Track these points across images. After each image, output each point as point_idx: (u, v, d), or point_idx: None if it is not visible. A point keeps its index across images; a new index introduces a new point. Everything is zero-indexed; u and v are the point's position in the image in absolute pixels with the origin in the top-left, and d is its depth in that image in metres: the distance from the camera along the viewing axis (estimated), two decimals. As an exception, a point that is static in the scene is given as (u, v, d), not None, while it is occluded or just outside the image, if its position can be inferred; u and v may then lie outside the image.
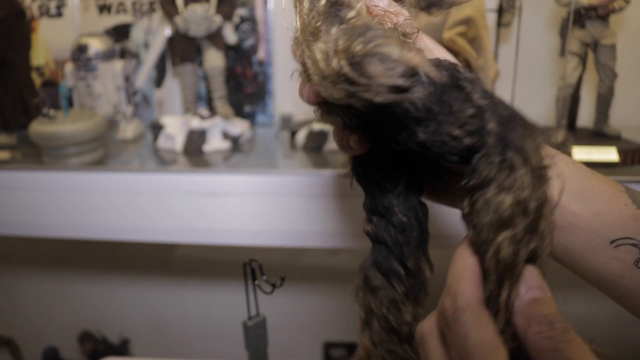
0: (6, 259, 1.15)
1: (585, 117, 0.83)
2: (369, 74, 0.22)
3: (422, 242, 0.36)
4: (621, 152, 0.71)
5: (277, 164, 0.78)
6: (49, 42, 0.98)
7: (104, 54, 0.88)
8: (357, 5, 0.26)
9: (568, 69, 0.78)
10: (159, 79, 0.99)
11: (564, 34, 0.80)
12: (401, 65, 0.22)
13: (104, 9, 0.97)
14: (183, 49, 0.89)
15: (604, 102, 0.79)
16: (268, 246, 0.76)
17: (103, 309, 1.16)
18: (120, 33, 0.97)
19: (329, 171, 0.71)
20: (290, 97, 0.96)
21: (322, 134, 0.83)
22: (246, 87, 0.97)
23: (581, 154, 0.71)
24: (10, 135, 0.91)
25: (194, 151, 0.83)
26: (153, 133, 0.88)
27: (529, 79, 0.82)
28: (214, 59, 0.89)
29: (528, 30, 0.80)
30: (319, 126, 0.84)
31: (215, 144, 0.85)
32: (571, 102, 0.79)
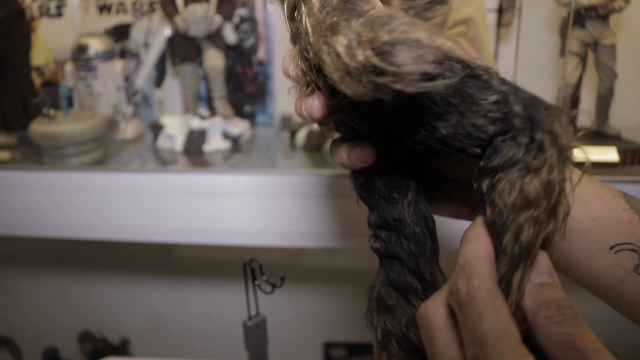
0: (6, 259, 1.15)
1: (585, 119, 0.82)
2: (400, 62, 0.21)
3: (435, 252, 0.34)
4: (621, 152, 0.71)
5: (277, 164, 0.78)
6: (49, 42, 0.98)
7: (104, 54, 0.88)
8: None
9: (568, 69, 0.78)
10: (159, 79, 0.99)
11: (564, 34, 0.80)
12: (432, 52, 0.22)
13: (104, 9, 0.97)
14: (183, 49, 0.89)
15: (604, 102, 0.79)
16: (268, 246, 0.76)
17: (103, 309, 1.16)
18: (120, 33, 0.97)
19: (329, 171, 0.71)
20: (290, 97, 0.96)
21: (322, 134, 0.82)
22: (246, 87, 0.97)
23: (581, 154, 0.71)
24: (10, 135, 0.91)
25: (194, 151, 0.83)
26: (153, 133, 0.88)
27: (529, 79, 0.82)
28: (214, 59, 0.89)
29: (528, 30, 0.80)
30: (319, 126, 0.84)
31: (215, 144, 0.85)
32: (571, 102, 0.79)
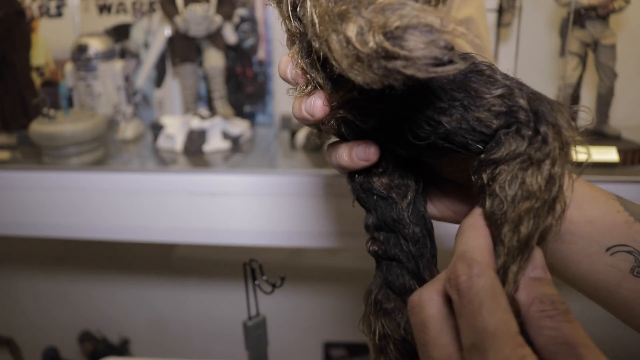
0: (6, 259, 1.15)
1: (585, 117, 0.82)
2: (412, 46, 0.21)
3: (434, 254, 0.34)
4: (621, 152, 0.71)
5: (277, 164, 0.78)
6: (49, 42, 0.97)
7: (104, 54, 0.88)
8: None
9: (568, 69, 0.78)
10: (159, 79, 0.99)
11: (564, 34, 0.80)
12: (444, 37, 0.22)
13: (104, 9, 0.97)
14: (183, 49, 0.89)
15: (604, 102, 0.79)
16: (268, 246, 0.76)
17: (103, 309, 1.16)
18: (120, 33, 0.97)
19: (328, 171, 0.71)
20: (291, 97, 0.96)
21: (322, 134, 0.82)
22: (246, 87, 0.97)
23: (582, 150, 0.71)
24: (10, 135, 0.91)
25: (194, 151, 0.83)
26: (153, 133, 0.88)
27: (529, 79, 0.81)
28: (214, 59, 0.89)
29: (528, 30, 0.80)
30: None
31: (215, 144, 0.85)
32: (571, 102, 0.79)
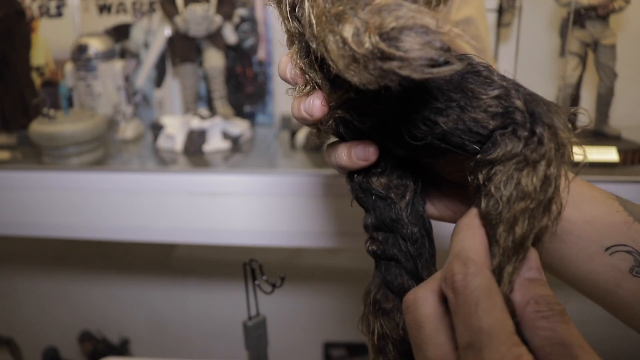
0: (6, 259, 1.15)
1: (584, 118, 0.82)
2: (407, 47, 0.22)
3: (432, 254, 0.34)
4: (621, 152, 0.71)
5: (277, 164, 0.78)
6: (49, 42, 0.97)
7: (104, 54, 0.88)
8: None
9: (568, 69, 0.78)
10: (159, 79, 0.99)
11: (564, 34, 0.80)
12: (439, 38, 0.22)
13: (104, 9, 0.97)
14: (183, 49, 0.89)
15: (604, 102, 0.79)
16: (268, 246, 0.76)
17: (103, 309, 1.16)
18: (120, 33, 0.97)
19: (328, 171, 0.71)
20: (290, 97, 0.96)
21: (322, 134, 0.82)
22: (246, 87, 0.97)
23: (579, 151, 0.71)
24: (10, 135, 0.91)
25: (194, 151, 0.83)
26: (153, 133, 0.88)
27: (529, 79, 0.81)
28: (214, 59, 0.89)
29: (528, 30, 0.80)
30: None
31: (215, 144, 0.85)
32: (571, 102, 0.79)
